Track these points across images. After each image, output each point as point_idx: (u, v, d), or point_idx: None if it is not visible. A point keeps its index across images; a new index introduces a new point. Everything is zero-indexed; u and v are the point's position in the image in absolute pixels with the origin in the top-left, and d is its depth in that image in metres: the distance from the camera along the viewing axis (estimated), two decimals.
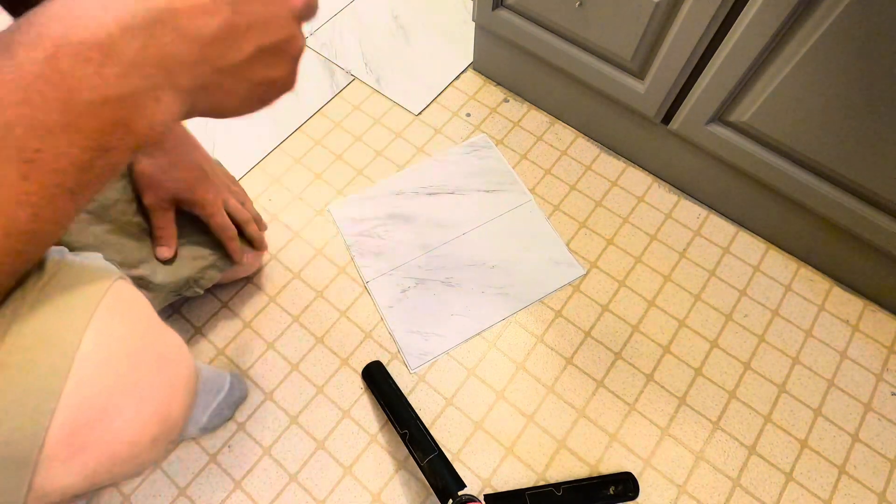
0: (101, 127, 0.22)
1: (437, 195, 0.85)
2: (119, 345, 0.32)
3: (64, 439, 0.30)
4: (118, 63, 0.21)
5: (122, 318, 0.32)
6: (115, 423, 0.31)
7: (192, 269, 0.60)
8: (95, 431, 0.30)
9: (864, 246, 0.72)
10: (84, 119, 0.21)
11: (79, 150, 0.22)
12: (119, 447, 0.32)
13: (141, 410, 0.32)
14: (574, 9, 0.71)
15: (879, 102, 0.56)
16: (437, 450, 0.62)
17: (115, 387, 0.31)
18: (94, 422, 0.30)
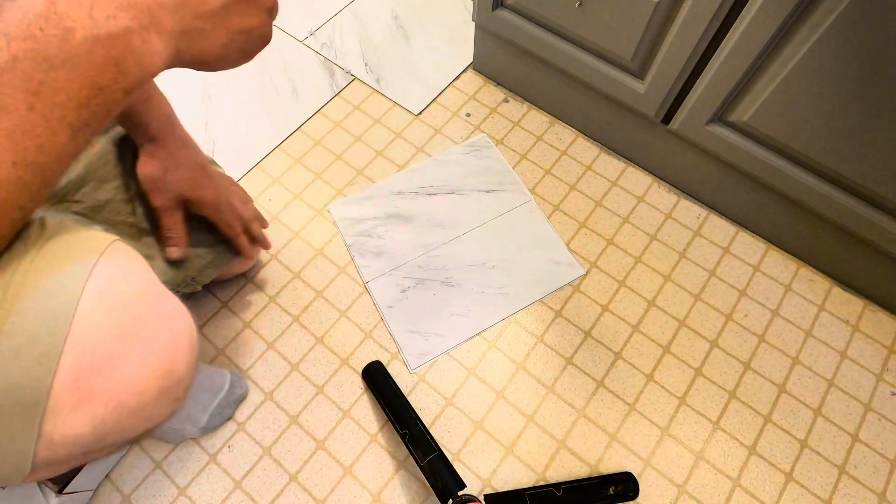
0: (96, 64, 0.24)
1: (437, 195, 0.85)
2: (121, 296, 0.32)
3: (71, 384, 0.30)
4: (107, 5, 0.24)
5: (123, 271, 0.33)
6: (121, 370, 0.32)
7: (190, 268, 0.60)
8: (102, 378, 0.31)
9: (864, 246, 0.72)
10: (80, 56, 0.24)
11: (77, 86, 0.24)
12: (126, 396, 0.32)
13: (145, 360, 0.33)
14: (574, 9, 0.71)
15: (879, 102, 0.56)
16: (437, 450, 0.62)
17: (119, 335, 0.32)
18: (99, 368, 0.31)
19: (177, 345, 0.35)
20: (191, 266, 0.60)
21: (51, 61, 0.23)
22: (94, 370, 0.31)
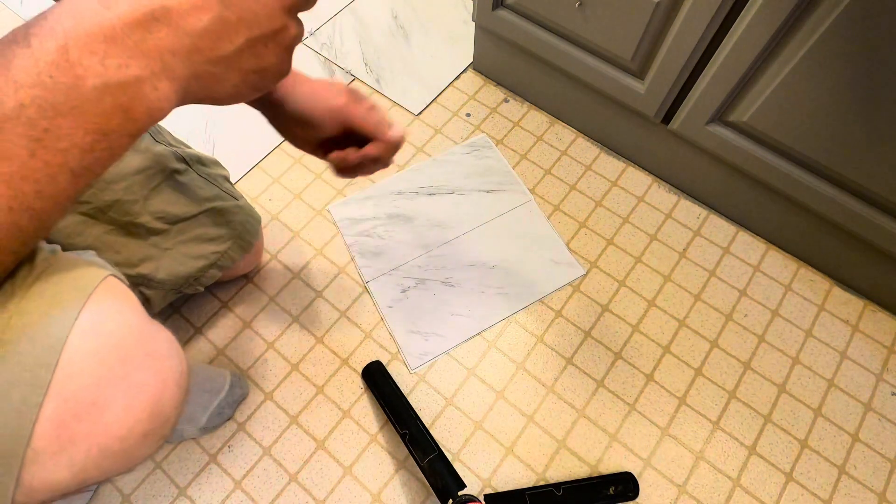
0: (103, 111, 0.24)
1: (437, 195, 0.85)
2: (108, 338, 0.31)
3: (52, 432, 0.29)
4: (119, 54, 0.24)
5: (111, 312, 0.32)
6: (104, 416, 0.31)
7: (193, 268, 0.60)
8: (84, 425, 0.30)
9: (864, 246, 0.72)
10: (88, 104, 0.24)
11: (82, 133, 0.24)
12: (109, 441, 0.31)
13: (131, 404, 0.32)
14: (574, 9, 0.71)
15: (879, 102, 0.56)
16: (437, 450, 0.62)
17: (105, 380, 0.31)
18: (82, 415, 0.30)
19: (164, 385, 0.33)
20: (193, 265, 0.60)
21: (58, 108, 0.23)
22: (77, 417, 0.30)
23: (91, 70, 0.23)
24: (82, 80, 0.23)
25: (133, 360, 0.32)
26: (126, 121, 0.25)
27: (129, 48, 0.24)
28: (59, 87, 0.23)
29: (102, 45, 0.23)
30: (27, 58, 0.23)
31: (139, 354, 0.33)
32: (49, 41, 0.23)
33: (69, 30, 0.23)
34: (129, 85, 0.25)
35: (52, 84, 0.23)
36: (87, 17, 0.23)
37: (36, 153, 0.23)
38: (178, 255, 0.58)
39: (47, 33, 0.23)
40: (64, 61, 0.23)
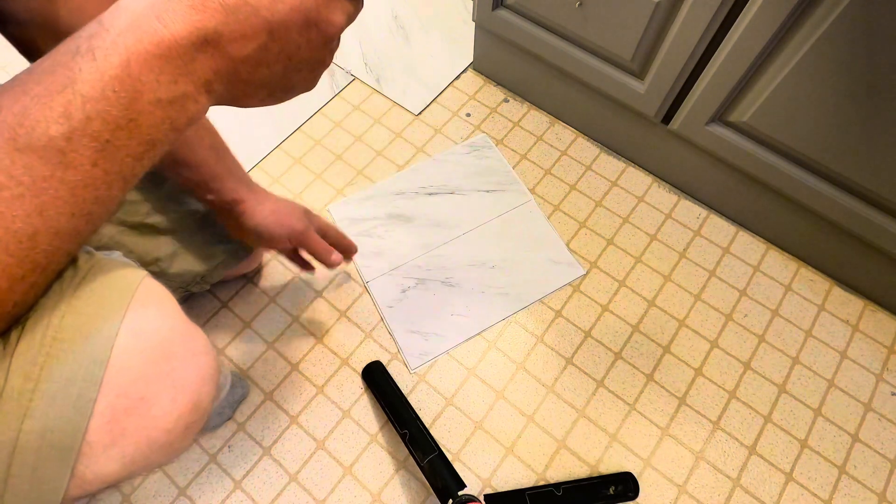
0: (154, 123, 0.26)
1: (437, 195, 0.85)
2: (153, 336, 0.34)
3: (105, 426, 0.31)
4: (171, 71, 0.25)
5: (154, 311, 0.34)
6: (152, 410, 0.33)
7: (202, 267, 0.61)
8: (134, 418, 0.32)
9: (864, 246, 0.72)
10: (143, 116, 0.25)
11: (136, 143, 0.26)
12: (156, 434, 0.33)
13: (176, 398, 0.34)
14: (574, 9, 0.71)
15: (879, 102, 0.56)
16: (437, 450, 0.62)
17: (152, 375, 0.33)
18: (133, 409, 0.32)
19: (203, 381, 0.36)
20: (203, 266, 0.61)
21: (118, 121, 0.25)
22: (127, 411, 0.32)
23: (148, 85, 0.25)
24: (140, 95, 0.25)
25: (176, 357, 0.35)
26: (170, 131, 0.27)
27: (179, 66, 0.25)
28: (121, 101, 0.24)
29: (158, 61, 0.25)
30: (93, 72, 0.24)
31: (181, 351, 0.35)
32: (113, 56, 0.24)
33: (131, 46, 0.24)
34: (177, 100, 0.26)
35: (115, 98, 0.24)
36: (147, 33, 0.24)
37: (97, 163, 0.25)
38: (188, 255, 0.60)
39: (111, 47, 0.24)
40: (126, 76, 0.24)
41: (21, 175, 0.22)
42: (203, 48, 0.26)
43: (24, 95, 0.23)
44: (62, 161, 0.23)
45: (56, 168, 0.23)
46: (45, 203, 0.24)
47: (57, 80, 0.23)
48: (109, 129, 0.24)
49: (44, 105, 0.23)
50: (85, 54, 0.24)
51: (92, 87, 0.24)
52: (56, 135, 0.23)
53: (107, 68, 0.24)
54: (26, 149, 0.22)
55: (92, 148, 0.24)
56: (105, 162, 0.25)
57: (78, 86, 0.23)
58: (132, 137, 0.26)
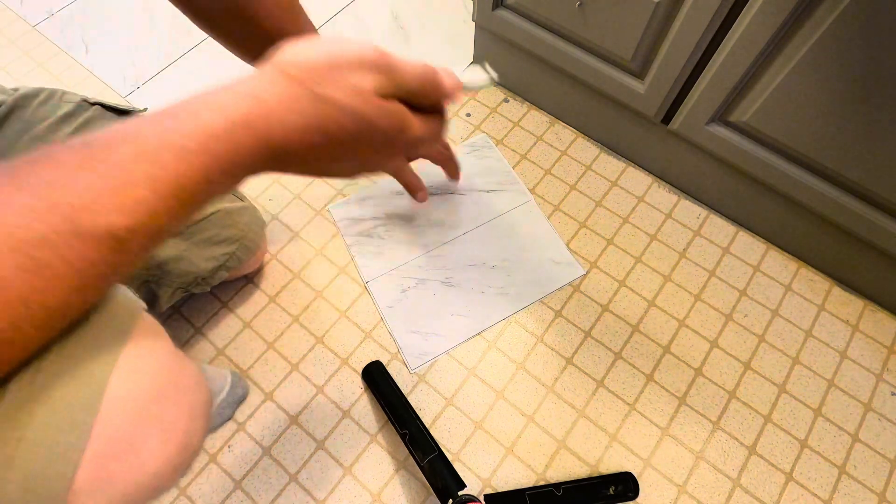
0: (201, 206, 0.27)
1: (437, 195, 0.85)
2: (144, 378, 0.32)
3: (92, 473, 0.30)
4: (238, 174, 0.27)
5: (147, 352, 0.33)
6: (141, 455, 0.32)
7: (205, 269, 0.61)
8: (122, 464, 0.31)
9: (864, 246, 0.72)
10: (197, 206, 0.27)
11: (178, 227, 0.26)
12: (144, 478, 0.32)
13: (165, 441, 0.33)
14: (574, 9, 0.71)
15: (879, 102, 0.56)
16: (437, 450, 0.62)
17: (141, 419, 0.32)
18: (121, 455, 0.31)
19: (192, 420, 0.35)
20: (205, 267, 0.61)
21: (178, 216, 0.26)
22: (116, 457, 0.31)
23: (215, 186, 0.26)
24: (206, 192, 0.26)
25: (166, 399, 0.33)
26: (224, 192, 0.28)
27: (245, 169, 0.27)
28: (185, 202, 0.25)
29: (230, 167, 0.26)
30: (173, 170, 0.24)
31: (171, 391, 0.34)
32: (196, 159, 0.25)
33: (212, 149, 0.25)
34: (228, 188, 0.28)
35: (183, 199, 0.25)
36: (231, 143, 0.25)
37: (147, 248, 0.25)
38: (191, 256, 0.59)
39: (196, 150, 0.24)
40: (199, 182, 0.25)
41: (73, 259, 0.22)
42: (270, 161, 0.27)
43: (89, 172, 0.22)
44: (116, 248, 0.23)
45: (108, 253, 0.23)
46: (87, 284, 0.23)
47: (136, 170, 0.22)
48: (168, 222, 0.24)
49: (118, 194, 0.22)
50: (172, 150, 0.23)
51: (168, 186, 0.23)
52: (119, 226, 0.22)
53: (188, 171, 0.24)
54: (86, 235, 0.21)
55: (148, 238, 0.24)
56: (154, 246, 0.25)
57: (156, 184, 0.23)
58: (180, 224, 0.26)
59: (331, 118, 0.27)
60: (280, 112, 0.25)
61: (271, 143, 0.26)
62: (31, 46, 1.02)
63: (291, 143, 0.26)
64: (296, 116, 0.26)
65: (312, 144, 0.27)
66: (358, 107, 0.27)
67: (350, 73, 0.27)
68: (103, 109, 0.53)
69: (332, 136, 0.27)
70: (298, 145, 0.27)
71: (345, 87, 0.27)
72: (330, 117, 0.27)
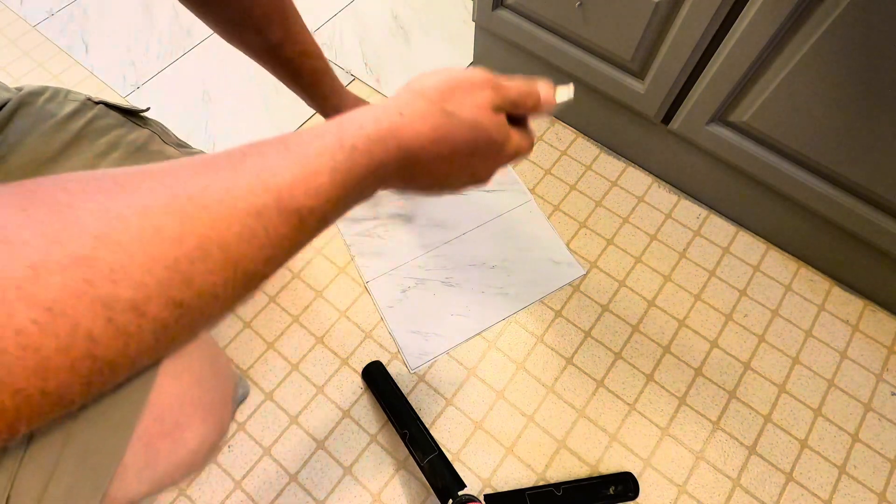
0: (348, 209, 0.30)
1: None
2: (191, 363, 0.35)
3: (141, 449, 0.32)
4: (387, 182, 0.31)
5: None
6: (185, 434, 0.34)
7: None
8: (168, 442, 0.34)
9: (864, 246, 0.72)
10: (350, 206, 0.30)
11: (334, 221, 0.29)
12: (185, 456, 0.35)
13: (206, 421, 0.36)
14: (574, 9, 0.71)
15: (879, 102, 0.56)
16: (437, 450, 0.62)
17: (186, 400, 0.34)
18: (168, 432, 0.33)
19: (225, 403, 0.38)
20: None
21: (341, 207, 0.29)
22: (163, 435, 0.33)
23: (368, 188, 0.30)
24: (364, 192, 0.30)
25: (206, 382, 0.36)
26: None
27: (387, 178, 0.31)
28: (352, 194, 0.29)
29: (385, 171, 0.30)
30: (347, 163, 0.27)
31: (210, 376, 0.37)
32: (364, 157, 0.28)
33: (376, 154, 0.29)
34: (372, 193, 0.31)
35: (350, 190, 0.28)
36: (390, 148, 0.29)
37: (313, 233, 0.28)
38: None
39: (364, 147, 0.28)
40: (364, 178, 0.29)
41: (272, 232, 0.25)
42: (405, 169, 0.30)
43: (289, 162, 0.26)
44: (298, 227, 0.26)
45: (292, 231, 0.26)
46: (275, 256, 0.26)
47: (323, 162, 0.26)
48: (334, 211, 0.28)
49: (308, 180, 0.26)
50: (345, 148, 0.27)
51: (342, 177, 0.27)
52: (305, 205, 0.26)
53: (354, 167, 0.27)
54: (284, 212, 0.25)
55: (317, 221, 0.27)
56: (317, 233, 0.28)
57: (334, 174, 0.27)
58: (336, 218, 0.29)
59: (457, 130, 0.31)
60: (417, 125, 0.30)
61: (410, 152, 0.30)
62: (31, 46, 1.02)
63: (424, 151, 0.31)
64: (429, 129, 0.30)
65: (440, 155, 0.31)
66: (477, 119, 0.32)
67: (469, 92, 0.32)
68: (107, 108, 0.54)
69: (456, 146, 0.32)
70: (429, 154, 0.31)
71: (466, 104, 0.32)
72: (456, 129, 0.31)
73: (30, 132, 0.47)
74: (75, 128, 0.50)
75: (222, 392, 0.38)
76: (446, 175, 0.33)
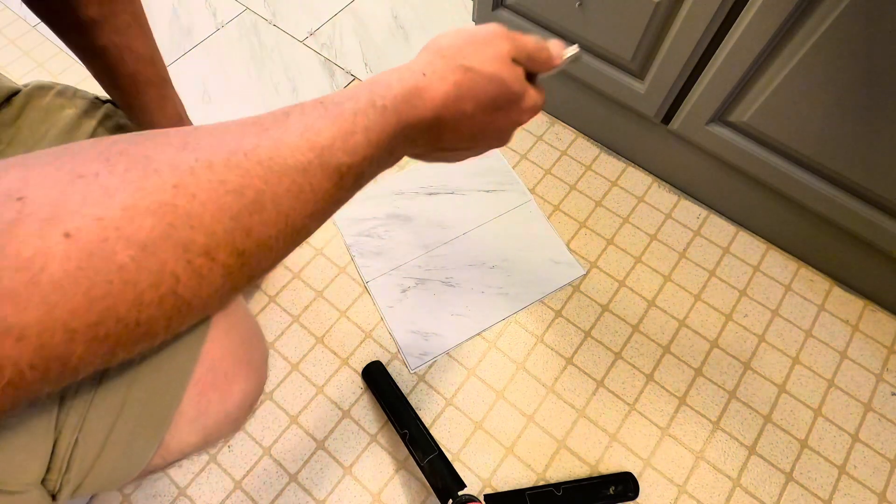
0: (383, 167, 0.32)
1: (437, 195, 0.85)
2: (238, 322, 0.38)
3: (195, 398, 0.34)
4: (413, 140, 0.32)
5: (237, 301, 0.39)
6: (233, 387, 0.37)
7: None
8: (218, 393, 0.36)
9: (864, 246, 0.72)
10: (384, 165, 0.32)
11: (368, 181, 0.31)
12: (232, 409, 0.37)
13: (250, 377, 0.38)
14: (574, 9, 0.71)
15: (879, 102, 0.56)
16: (437, 450, 0.62)
17: (235, 355, 0.37)
18: (218, 384, 0.36)
19: (264, 363, 0.40)
20: None
21: (374, 163, 0.30)
22: (214, 386, 0.35)
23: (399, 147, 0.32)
24: (394, 150, 0.31)
25: (250, 342, 0.39)
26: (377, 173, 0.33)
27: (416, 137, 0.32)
28: (383, 151, 0.30)
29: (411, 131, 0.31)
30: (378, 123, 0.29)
31: (253, 337, 0.39)
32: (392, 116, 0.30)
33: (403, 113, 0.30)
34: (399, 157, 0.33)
35: (382, 149, 0.30)
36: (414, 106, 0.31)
37: (351, 189, 0.30)
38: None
39: (391, 108, 0.29)
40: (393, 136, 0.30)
41: (316, 187, 0.26)
42: (433, 128, 0.31)
43: (328, 122, 0.27)
44: (338, 182, 0.28)
45: (332, 187, 0.27)
46: (317, 211, 0.27)
47: (357, 121, 0.28)
48: (369, 167, 0.29)
49: (346, 138, 0.27)
50: (377, 108, 0.29)
51: (375, 135, 0.28)
52: (344, 162, 0.27)
53: (386, 126, 0.29)
54: (326, 168, 0.27)
55: (354, 179, 0.29)
56: (354, 189, 0.30)
57: (368, 133, 0.28)
58: (371, 176, 0.31)
59: (478, 85, 0.32)
60: (438, 84, 0.31)
61: (435, 111, 0.31)
62: (31, 46, 1.02)
63: (448, 110, 0.31)
64: (450, 87, 0.31)
65: (464, 112, 0.32)
66: (496, 71, 0.32)
67: (487, 44, 0.33)
68: (114, 107, 0.54)
69: (479, 100, 0.32)
70: (454, 112, 0.32)
71: (485, 57, 0.32)
72: (478, 84, 0.32)
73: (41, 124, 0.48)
74: (89, 128, 0.50)
75: (262, 352, 0.40)
76: (471, 133, 0.34)
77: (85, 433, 0.30)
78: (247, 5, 1.07)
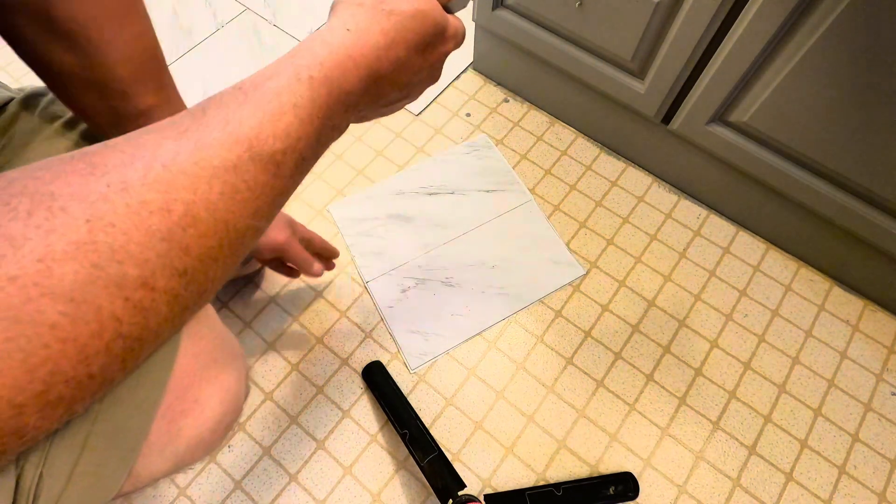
0: (326, 143, 0.29)
1: (437, 195, 0.85)
2: (204, 342, 0.36)
3: (164, 427, 0.33)
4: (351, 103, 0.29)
5: (203, 319, 0.37)
6: (204, 411, 0.35)
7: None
8: (189, 419, 0.34)
9: (864, 246, 0.72)
10: (324, 139, 0.29)
11: (313, 160, 0.29)
12: (204, 433, 0.35)
13: (223, 399, 0.36)
14: (574, 9, 0.71)
15: (879, 102, 0.56)
16: (437, 450, 0.62)
17: (203, 379, 0.35)
18: (188, 410, 0.34)
19: (240, 382, 0.38)
20: None
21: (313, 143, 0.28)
22: (184, 412, 0.34)
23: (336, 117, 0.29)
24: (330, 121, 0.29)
25: (221, 361, 0.37)
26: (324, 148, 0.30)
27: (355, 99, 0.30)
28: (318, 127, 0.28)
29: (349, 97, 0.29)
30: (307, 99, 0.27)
31: (224, 356, 0.37)
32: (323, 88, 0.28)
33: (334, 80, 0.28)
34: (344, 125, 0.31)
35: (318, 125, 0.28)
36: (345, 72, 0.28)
37: (293, 176, 0.27)
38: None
39: (320, 80, 0.27)
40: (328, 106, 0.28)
41: (252, 183, 0.24)
42: (371, 86, 0.30)
43: (250, 107, 0.25)
44: (276, 172, 0.25)
45: (271, 178, 0.25)
46: (261, 208, 0.25)
47: (283, 101, 0.26)
48: (309, 149, 0.27)
49: (274, 122, 0.25)
50: (303, 81, 0.27)
51: (307, 112, 0.26)
52: (278, 149, 0.25)
53: (317, 98, 0.27)
54: (258, 160, 0.24)
55: (294, 164, 0.26)
56: (298, 175, 0.27)
57: (298, 110, 0.26)
58: (315, 156, 0.28)
59: (405, 26, 0.30)
60: (365, 37, 0.29)
61: (370, 68, 0.29)
62: None
63: (382, 61, 0.30)
64: (379, 37, 0.29)
65: (399, 60, 0.30)
66: (416, 6, 0.31)
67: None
68: None
69: (409, 42, 0.31)
70: (388, 63, 0.30)
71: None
72: (405, 26, 0.30)
73: (34, 135, 0.47)
74: (83, 127, 0.50)
75: (236, 370, 0.38)
76: (408, 79, 0.33)
77: (49, 467, 0.29)
78: (247, 5, 1.07)
